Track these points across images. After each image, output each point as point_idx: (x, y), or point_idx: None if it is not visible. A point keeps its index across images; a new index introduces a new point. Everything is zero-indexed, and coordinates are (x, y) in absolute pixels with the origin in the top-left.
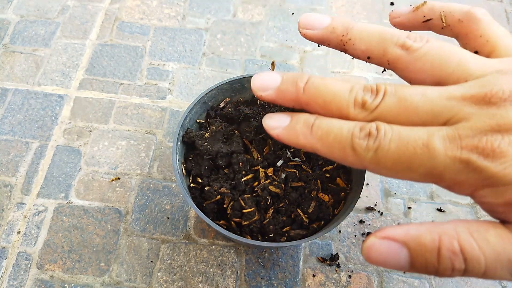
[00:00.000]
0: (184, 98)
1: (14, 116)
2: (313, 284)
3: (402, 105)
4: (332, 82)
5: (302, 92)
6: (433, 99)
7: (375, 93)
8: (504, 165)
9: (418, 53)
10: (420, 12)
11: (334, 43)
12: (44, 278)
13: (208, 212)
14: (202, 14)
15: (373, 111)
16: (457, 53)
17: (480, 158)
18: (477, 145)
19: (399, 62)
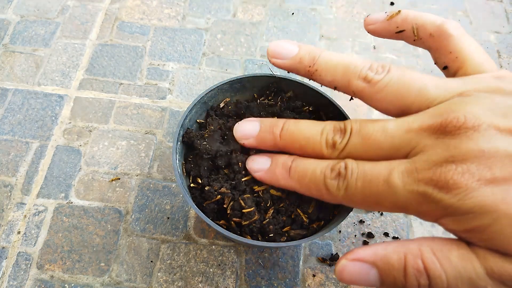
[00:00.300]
0: (184, 98)
1: (14, 116)
2: (313, 284)
3: (366, 143)
4: (305, 126)
5: (279, 139)
6: (393, 134)
7: (343, 133)
8: (459, 196)
9: (379, 85)
10: (393, 22)
11: (302, 72)
12: (44, 278)
13: (208, 212)
14: (202, 14)
15: (343, 151)
16: (417, 81)
17: (435, 190)
18: (432, 178)
19: (363, 93)
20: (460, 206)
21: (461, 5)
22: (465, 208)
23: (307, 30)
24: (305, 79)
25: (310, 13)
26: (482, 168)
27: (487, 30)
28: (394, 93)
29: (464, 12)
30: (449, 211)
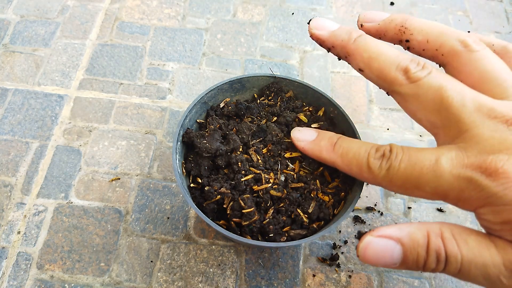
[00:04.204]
0: (184, 98)
1: (14, 116)
2: (313, 284)
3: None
4: (384, 44)
5: (352, 42)
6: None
7: (421, 66)
8: (505, 186)
9: (475, 55)
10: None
11: (391, 33)
12: (44, 278)
13: (208, 212)
14: (202, 14)
15: (416, 81)
16: (505, 71)
17: (482, 176)
18: (481, 164)
19: (455, 58)
20: (504, 196)
21: (461, 5)
22: (509, 198)
23: (307, 30)
24: (305, 79)
25: (310, 13)
26: None
27: (487, 30)
28: (484, 71)
29: (464, 12)
30: (491, 200)
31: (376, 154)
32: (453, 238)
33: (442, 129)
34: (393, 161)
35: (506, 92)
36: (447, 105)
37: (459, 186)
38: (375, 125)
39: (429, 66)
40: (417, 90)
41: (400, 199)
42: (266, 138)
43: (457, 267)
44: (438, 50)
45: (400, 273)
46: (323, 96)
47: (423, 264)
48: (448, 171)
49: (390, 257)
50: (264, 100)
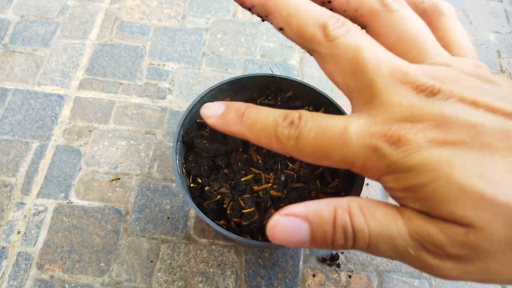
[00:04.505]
0: (184, 98)
1: (14, 116)
2: (313, 284)
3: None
4: (303, 1)
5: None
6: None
7: (340, 22)
8: (405, 153)
9: (394, 15)
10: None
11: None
12: (44, 278)
13: (208, 212)
14: (202, 14)
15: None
16: (424, 32)
17: (386, 145)
18: (386, 133)
19: (374, 18)
20: (404, 163)
21: (461, 5)
22: (408, 165)
23: None
24: (305, 79)
25: None
26: (437, 131)
27: (487, 30)
28: (401, 32)
29: (464, 12)
30: (392, 168)
31: (284, 122)
32: (361, 212)
33: (356, 93)
34: (302, 129)
35: (424, 55)
36: (362, 67)
37: (365, 155)
38: None
39: (348, 24)
40: (334, 50)
41: None
42: None
43: (365, 242)
44: (357, 11)
45: (400, 273)
46: (323, 96)
47: (331, 241)
48: (355, 140)
49: (298, 235)
50: (264, 100)
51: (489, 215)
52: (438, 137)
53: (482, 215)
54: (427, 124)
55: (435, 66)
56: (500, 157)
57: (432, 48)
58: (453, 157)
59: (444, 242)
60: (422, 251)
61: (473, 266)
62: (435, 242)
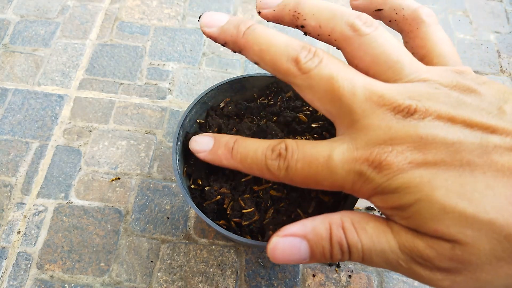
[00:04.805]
0: (184, 98)
1: (14, 116)
2: (313, 284)
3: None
4: (274, 34)
5: (242, 36)
6: (356, 92)
7: (311, 54)
8: (388, 176)
9: (365, 39)
10: (374, 0)
11: (287, 19)
12: (44, 278)
13: (208, 212)
14: None
15: (307, 72)
16: (397, 51)
17: (369, 169)
18: (368, 158)
19: (347, 43)
20: (388, 186)
21: (461, 5)
22: (392, 187)
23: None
24: None
25: None
26: (416, 152)
27: (487, 30)
28: (374, 55)
29: (464, 12)
30: (378, 190)
31: (273, 155)
32: (353, 227)
33: (337, 118)
34: (290, 161)
35: (399, 74)
36: (339, 95)
37: (351, 179)
38: None
39: (320, 53)
40: (309, 81)
41: None
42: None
43: (359, 255)
44: (330, 36)
45: None
46: None
47: (329, 256)
48: (340, 167)
49: (298, 254)
50: (264, 100)
51: (473, 232)
52: (417, 159)
53: (466, 232)
54: (406, 146)
55: (411, 84)
56: (480, 173)
57: (408, 65)
58: (433, 178)
59: (432, 256)
60: (413, 263)
61: (463, 277)
62: (424, 256)
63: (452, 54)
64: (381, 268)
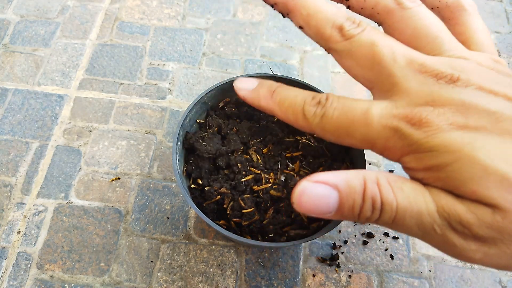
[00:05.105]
0: (184, 98)
1: (14, 116)
2: (313, 284)
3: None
4: (323, 2)
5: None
6: (397, 58)
7: (356, 23)
8: (427, 134)
9: (408, 12)
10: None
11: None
12: (44, 278)
13: (208, 212)
14: (202, 14)
15: (349, 38)
16: (438, 27)
17: (407, 126)
18: (407, 114)
19: (389, 16)
20: (425, 143)
21: None
22: (430, 145)
23: None
24: (305, 79)
25: None
26: (458, 115)
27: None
28: (416, 28)
29: None
30: (413, 148)
31: (312, 102)
32: (389, 185)
33: (376, 84)
34: (328, 109)
35: (438, 49)
36: (379, 60)
37: (386, 135)
38: None
39: (363, 24)
40: (350, 47)
41: None
42: (266, 138)
43: (391, 215)
44: (374, 9)
45: (400, 273)
46: None
47: (358, 211)
48: (377, 120)
49: (326, 204)
50: None
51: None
52: (459, 121)
53: (508, 197)
54: (447, 109)
55: (451, 58)
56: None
57: (448, 42)
58: (474, 140)
59: (471, 222)
60: (448, 229)
61: (497, 249)
62: (463, 221)
63: (489, 46)
64: (382, 268)
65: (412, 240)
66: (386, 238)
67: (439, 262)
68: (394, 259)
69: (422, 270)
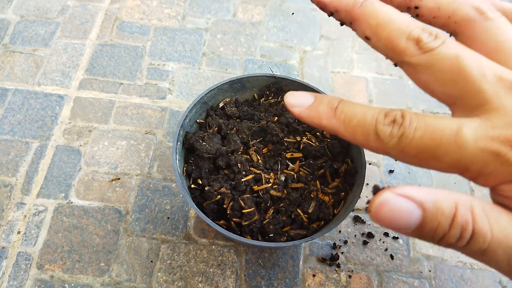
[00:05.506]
0: (184, 98)
1: (14, 116)
2: (313, 284)
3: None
4: (393, 11)
5: (359, 6)
6: (486, 74)
7: (433, 35)
8: None
9: (490, 24)
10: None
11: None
12: (44, 278)
13: (208, 212)
14: (202, 14)
15: (429, 51)
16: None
17: (511, 151)
18: (509, 138)
19: (469, 26)
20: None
21: None
22: None
23: (307, 30)
24: (305, 79)
25: (310, 13)
26: None
27: None
28: (499, 39)
29: None
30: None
31: (386, 120)
32: (485, 214)
33: (459, 100)
34: (407, 128)
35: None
36: (465, 75)
37: (484, 160)
38: None
39: (442, 36)
40: (430, 61)
41: None
42: (266, 138)
43: (482, 247)
44: (450, 18)
45: (400, 273)
46: None
47: (441, 236)
48: (473, 144)
49: (406, 220)
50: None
51: None
52: None
53: None
54: None
55: None
56: None
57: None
58: None
59: None
60: None
61: None
62: None
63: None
64: (382, 268)
65: (412, 240)
66: (386, 238)
67: (439, 262)
68: (394, 259)
69: (422, 270)
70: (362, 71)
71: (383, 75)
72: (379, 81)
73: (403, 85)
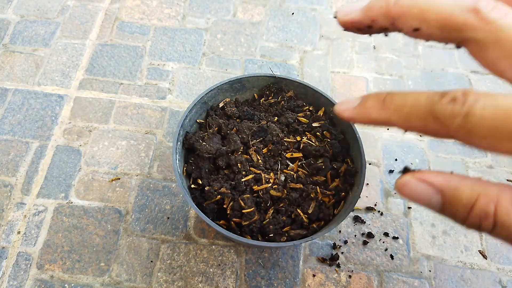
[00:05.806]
0: (184, 98)
1: (14, 116)
2: (313, 284)
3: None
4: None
5: (393, 4)
6: None
7: (492, 3)
8: None
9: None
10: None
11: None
12: (44, 278)
13: (208, 212)
14: (202, 14)
15: (493, 23)
16: None
17: None
18: None
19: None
20: None
21: None
22: None
23: (307, 30)
24: (305, 79)
25: (310, 13)
26: None
27: None
28: None
29: None
30: None
31: (444, 100)
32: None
33: None
34: (473, 106)
35: None
36: None
37: None
38: None
39: (501, 4)
40: (497, 34)
41: (400, 199)
42: (266, 138)
43: (508, 235)
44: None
45: (400, 273)
46: (323, 96)
47: (461, 222)
48: None
49: (426, 202)
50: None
51: None
52: None
53: None
54: None
55: None
56: None
57: None
58: None
59: None
60: None
61: None
62: None
63: None
64: (382, 268)
65: (412, 240)
66: (386, 238)
67: (439, 262)
68: (394, 259)
69: (422, 270)
70: (362, 71)
71: (383, 75)
72: (379, 81)
73: (403, 85)
